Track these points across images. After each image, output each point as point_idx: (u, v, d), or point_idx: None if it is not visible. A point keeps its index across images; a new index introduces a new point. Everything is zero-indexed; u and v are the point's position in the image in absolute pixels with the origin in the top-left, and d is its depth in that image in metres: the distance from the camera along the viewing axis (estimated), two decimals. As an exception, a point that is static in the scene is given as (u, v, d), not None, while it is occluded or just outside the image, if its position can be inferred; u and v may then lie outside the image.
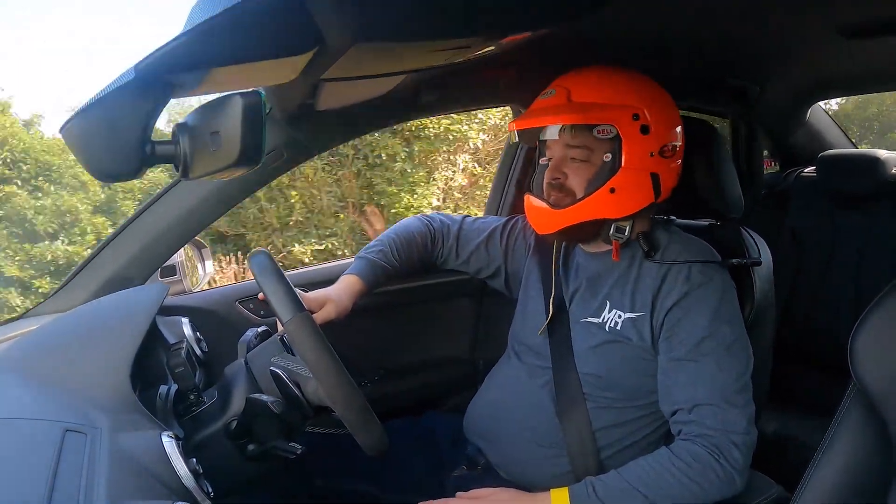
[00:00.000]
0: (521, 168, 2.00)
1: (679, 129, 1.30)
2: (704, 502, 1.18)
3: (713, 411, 1.19)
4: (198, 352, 1.31)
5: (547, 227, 1.33)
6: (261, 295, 1.13)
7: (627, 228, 1.29)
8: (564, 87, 1.28)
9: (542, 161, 1.36)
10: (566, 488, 1.20)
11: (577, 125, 1.25)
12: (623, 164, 1.24)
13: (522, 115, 1.32)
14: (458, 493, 1.27)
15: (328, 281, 1.45)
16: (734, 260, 1.32)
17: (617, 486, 1.18)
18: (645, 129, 1.24)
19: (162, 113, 0.77)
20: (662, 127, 1.27)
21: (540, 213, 1.33)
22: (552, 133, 1.29)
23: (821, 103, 2.42)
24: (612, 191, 1.25)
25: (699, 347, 1.22)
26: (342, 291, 1.38)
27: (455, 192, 7.61)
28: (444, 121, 6.91)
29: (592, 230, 1.31)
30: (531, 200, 1.35)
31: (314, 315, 1.23)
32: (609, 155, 1.26)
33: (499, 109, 6.63)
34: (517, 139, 1.38)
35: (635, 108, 1.24)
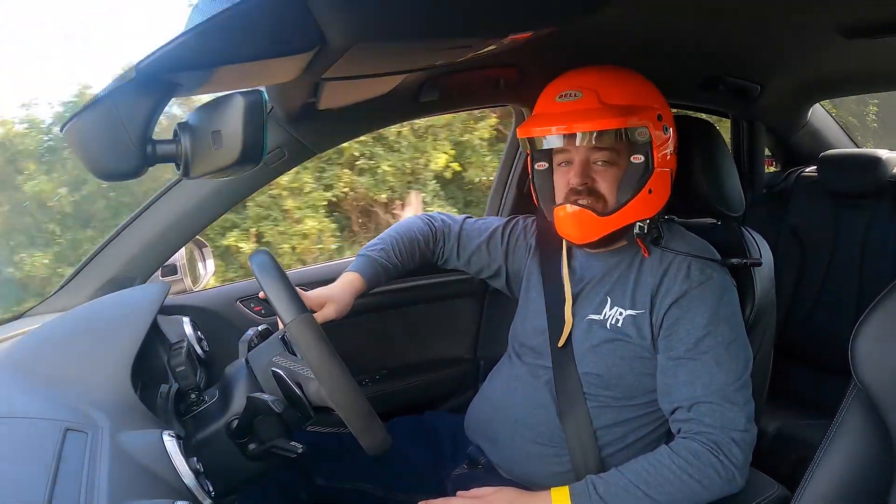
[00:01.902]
0: (522, 169, 2.00)
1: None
2: (705, 500, 1.18)
3: (712, 409, 1.19)
4: (199, 351, 1.31)
5: (590, 234, 1.28)
6: (261, 294, 1.13)
7: (646, 226, 1.29)
8: (591, 88, 1.24)
9: (541, 166, 1.35)
10: (566, 487, 1.20)
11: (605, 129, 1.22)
12: (656, 164, 1.26)
13: (544, 119, 1.26)
14: (459, 493, 1.27)
15: (329, 280, 1.45)
16: (734, 260, 1.32)
17: (618, 483, 1.18)
18: (666, 129, 1.27)
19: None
20: (672, 126, 1.30)
21: (581, 220, 1.27)
22: (581, 138, 1.23)
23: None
24: (650, 192, 1.26)
25: (698, 346, 1.22)
26: (342, 290, 1.38)
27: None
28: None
29: (623, 232, 1.30)
30: (567, 210, 1.28)
31: (314, 314, 1.22)
32: (640, 157, 1.26)
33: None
34: (526, 145, 1.32)
35: (657, 108, 1.26)
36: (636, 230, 1.29)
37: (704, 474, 1.16)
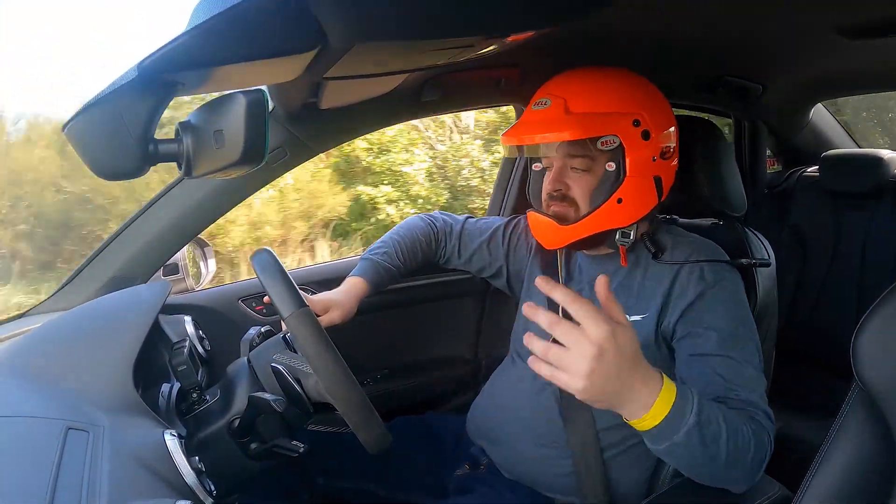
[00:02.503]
0: (524, 169, 2.00)
1: (674, 128, 1.28)
2: (736, 472, 1.07)
3: (751, 405, 1.12)
4: (200, 350, 1.31)
5: (555, 242, 1.30)
6: (266, 298, 1.14)
7: (632, 233, 1.28)
8: (559, 96, 1.22)
9: (537, 167, 1.34)
10: (674, 384, 1.02)
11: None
12: (628, 172, 1.21)
13: (516, 128, 1.26)
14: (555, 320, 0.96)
15: (331, 279, 1.45)
16: (743, 260, 1.31)
17: (709, 406, 1.03)
18: (646, 135, 1.21)
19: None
20: (661, 129, 1.24)
21: (547, 228, 1.29)
22: (550, 148, 1.23)
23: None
24: (620, 201, 1.22)
25: (723, 344, 1.18)
26: (346, 294, 1.38)
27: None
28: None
29: (599, 240, 1.28)
30: (536, 216, 1.31)
31: (319, 319, 1.22)
32: (612, 164, 1.22)
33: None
34: (512, 153, 1.30)
35: (635, 113, 1.21)
36: (618, 238, 1.27)
37: (757, 451, 1.06)
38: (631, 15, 1.30)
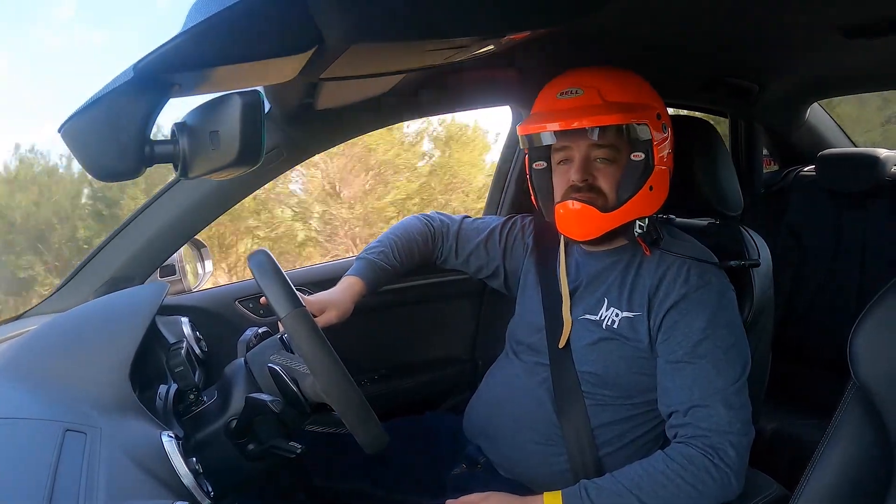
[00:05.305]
0: (521, 167, 2.00)
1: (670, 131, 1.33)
2: None
3: (708, 413, 1.18)
4: (197, 351, 1.31)
5: (593, 231, 1.28)
6: (263, 299, 1.14)
7: (646, 225, 1.30)
8: (593, 86, 1.25)
9: (538, 166, 1.35)
10: (559, 492, 1.19)
11: (607, 125, 1.22)
12: (656, 161, 1.26)
13: (547, 117, 1.25)
14: (448, 502, 1.26)
15: (329, 279, 1.44)
16: (733, 262, 1.32)
17: (611, 489, 1.18)
18: (664, 129, 1.28)
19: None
20: (670, 126, 1.30)
21: (581, 217, 1.27)
22: (587, 134, 1.23)
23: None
24: (651, 189, 1.27)
25: (696, 350, 1.22)
26: (343, 294, 1.38)
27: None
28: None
29: (624, 231, 1.30)
30: (568, 207, 1.28)
31: (315, 319, 1.22)
32: (640, 154, 1.26)
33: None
34: (526, 143, 1.31)
35: (656, 108, 1.27)
36: (636, 229, 1.29)
37: (699, 479, 1.16)
38: (629, 15, 1.30)
